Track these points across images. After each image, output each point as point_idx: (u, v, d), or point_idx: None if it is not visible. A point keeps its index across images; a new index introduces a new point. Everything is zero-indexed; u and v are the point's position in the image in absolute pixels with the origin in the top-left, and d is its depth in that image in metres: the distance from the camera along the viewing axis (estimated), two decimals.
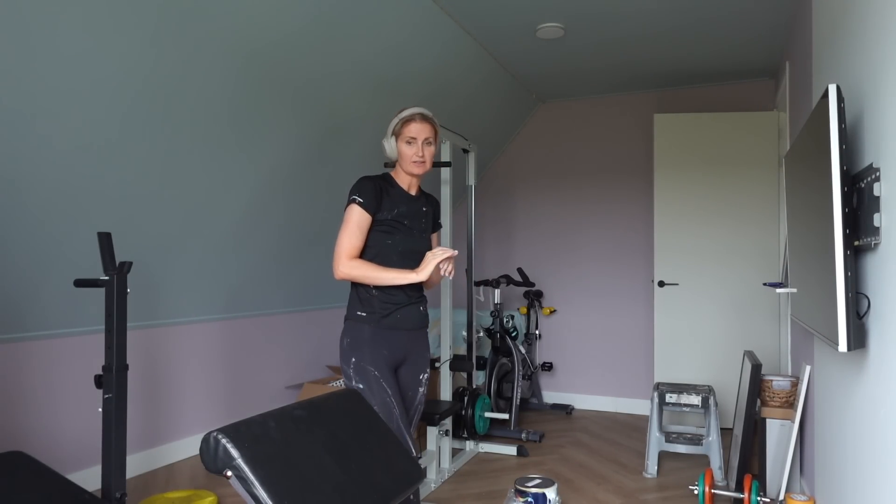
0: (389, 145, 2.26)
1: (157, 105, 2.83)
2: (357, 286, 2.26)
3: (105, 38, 2.45)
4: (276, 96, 3.29)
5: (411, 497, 2.20)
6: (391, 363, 2.24)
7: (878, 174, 1.67)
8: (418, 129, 2.23)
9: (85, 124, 2.65)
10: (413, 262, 2.30)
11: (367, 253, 2.22)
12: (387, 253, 2.23)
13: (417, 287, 2.33)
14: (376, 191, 2.20)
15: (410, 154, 2.23)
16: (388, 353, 2.23)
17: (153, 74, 2.71)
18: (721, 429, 4.44)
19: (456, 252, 2.12)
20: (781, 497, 2.90)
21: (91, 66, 2.49)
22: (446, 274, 2.15)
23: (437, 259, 2.09)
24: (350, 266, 2.14)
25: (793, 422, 2.95)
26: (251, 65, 3.04)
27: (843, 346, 1.69)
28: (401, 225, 2.26)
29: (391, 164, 2.43)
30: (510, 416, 4.39)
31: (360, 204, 2.16)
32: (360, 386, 2.17)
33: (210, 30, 2.74)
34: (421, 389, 2.35)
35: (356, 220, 2.16)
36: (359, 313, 2.22)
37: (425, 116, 2.26)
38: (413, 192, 2.33)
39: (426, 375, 2.37)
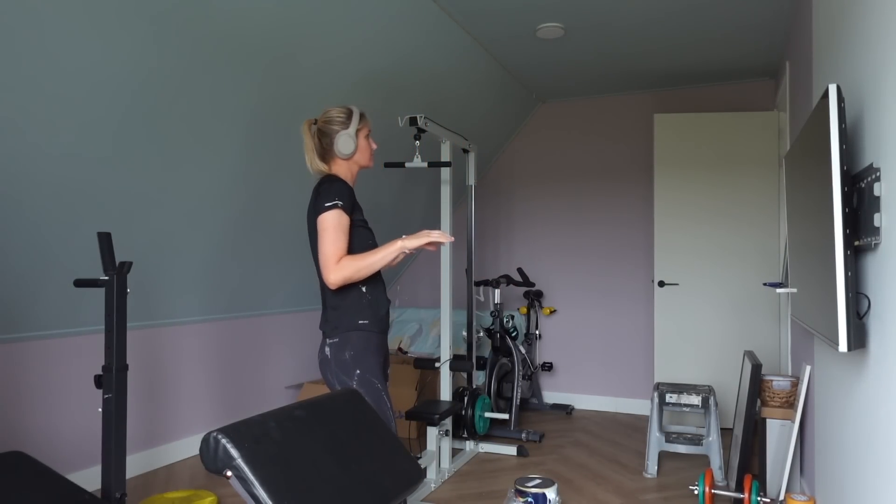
0: (352, 141, 2.19)
1: (155, 105, 2.83)
2: (349, 294, 2.16)
3: (99, 40, 2.45)
4: (274, 96, 3.29)
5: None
6: (384, 370, 2.24)
7: (878, 174, 1.67)
8: (369, 125, 2.32)
9: (82, 125, 2.64)
10: None
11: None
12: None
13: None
14: (350, 191, 2.14)
15: (370, 148, 2.28)
16: (383, 359, 2.22)
17: (150, 75, 2.71)
18: (721, 429, 4.44)
19: (452, 238, 2.09)
20: (781, 497, 2.90)
21: (87, 67, 2.49)
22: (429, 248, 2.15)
23: (433, 236, 2.06)
24: (341, 267, 2.05)
25: (793, 422, 2.95)
26: (250, 66, 3.03)
27: (843, 346, 1.69)
28: (367, 223, 2.25)
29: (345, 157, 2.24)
30: (510, 416, 4.39)
31: (341, 207, 2.07)
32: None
33: (206, 31, 2.74)
34: (387, 383, 2.37)
35: (339, 225, 2.06)
36: (361, 322, 2.15)
37: None
38: None
39: (390, 369, 2.40)
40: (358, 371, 2.13)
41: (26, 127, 2.48)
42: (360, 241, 2.17)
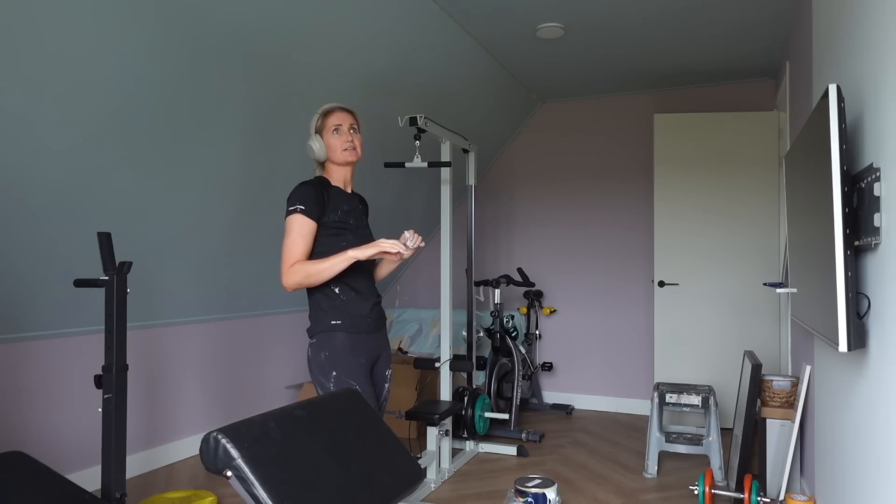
0: (316, 143, 2.20)
1: (155, 105, 2.83)
2: (322, 296, 2.19)
3: (99, 39, 2.45)
4: (274, 96, 3.29)
5: None
6: (367, 371, 2.21)
7: (878, 174, 1.67)
8: (341, 117, 2.22)
9: (81, 125, 2.64)
10: (366, 264, 2.27)
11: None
12: None
13: (374, 286, 2.32)
14: (317, 194, 2.13)
15: (340, 143, 2.20)
16: (366, 360, 2.21)
17: (149, 74, 2.71)
18: (721, 429, 4.43)
19: (402, 251, 2.05)
20: (781, 497, 2.90)
21: (86, 68, 2.49)
22: (408, 250, 2.08)
23: (383, 246, 2.03)
24: (292, 272, 2.07)
25: (793, 422, 2.95)
26: (250, 65, 3.03)
27: (843, 346, 1.69)
28: (348, 224, 2.21)
29: (320, 167, 2.32)
30: (510, 416, 4.39)
31: (302, 212, 2.09)
32: None
33: (207, 30, 2.74)
34: (387, 385, 2.37)
35: (298, 230, 2.09)
36: (333, 322, 2.16)
37: (344, 107, 2.26)
38: (348, 190, 2.30)
39: (391, 371, 2.39)
40: (334, 373, 2.14)
41: (27, 126, 2.48)
42: (328, 244, 2.16)
